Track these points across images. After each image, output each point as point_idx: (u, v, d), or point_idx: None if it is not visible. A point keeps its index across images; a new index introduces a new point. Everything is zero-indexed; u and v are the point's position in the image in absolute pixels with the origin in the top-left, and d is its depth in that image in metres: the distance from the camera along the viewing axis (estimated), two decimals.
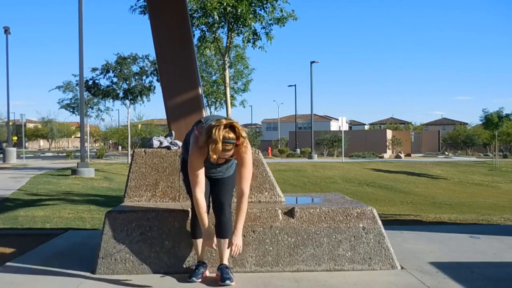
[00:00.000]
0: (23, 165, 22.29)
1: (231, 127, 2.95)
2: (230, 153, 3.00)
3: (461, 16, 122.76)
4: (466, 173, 22.14)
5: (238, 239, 3.21)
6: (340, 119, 30.87)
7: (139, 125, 36.53)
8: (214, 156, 2.93)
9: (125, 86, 21.46)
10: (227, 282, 3.22)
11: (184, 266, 3.59)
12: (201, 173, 3.15)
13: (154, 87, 21.91)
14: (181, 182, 3.86)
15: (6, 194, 10.60)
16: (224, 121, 2.95)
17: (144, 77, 21.73)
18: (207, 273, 3.46)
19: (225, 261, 3.38)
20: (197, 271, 3.38)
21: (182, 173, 3.50)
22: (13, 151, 26.38)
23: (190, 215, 3.49)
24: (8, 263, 3.90)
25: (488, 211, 10.35)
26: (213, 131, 2.90)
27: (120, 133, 36.41)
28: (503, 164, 25.67)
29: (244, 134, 2.98)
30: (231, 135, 2.93)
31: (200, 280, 3.34)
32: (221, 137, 2.89)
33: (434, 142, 44.60)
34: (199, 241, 3.38)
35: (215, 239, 3.25)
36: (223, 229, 3.34)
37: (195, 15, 13.99)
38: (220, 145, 2.89)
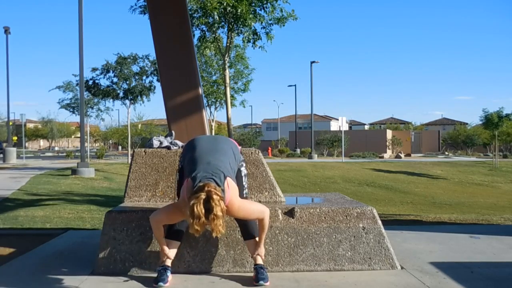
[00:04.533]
0: (23, 165, 22.30)
1: (207, 204, 2.90)
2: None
3: (461, 16, 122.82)
4: (466, 173, 22.14)
5: (261, 250, 3.39)
6: (340, 119, 30.87)
7: (139, 125, 36.53)
8: (198, 229, 2.92)
9: (125, 86, 21.46)
10: (261, 282, 3.26)
11: (184, 266, 3.59)
12: (176, 219, 3.25)
13: (154, 87, 21.93)
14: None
15: (6, 194, 10.60)
16: (203, 196, 2.91)
17: (144, 77, 21.73)
18: (171, 277, 3.36)
19: (259, 261, 3.39)
20: (162, 276, 3.28)
21: (178, 175, 3.50)
22: (13, 151, 26.39)
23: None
24: (8, 263, 3.90)
25: (488, 211, 10.35)
26: (195, 208, 2.88)
27: (120, 133, 36.43)
28: (503, 164, 25.68)
29: (217, 210, 2.89)
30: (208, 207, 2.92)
31: (167, 283, 3.27)
32: (203, 211, 2.88)
33: (434, 142, 44.62)
34: (173, 243, 3.38)
35: (172, 253, 3.38)
36: (248, 231, 3.40)
37: (195, 15, 13.98)
38: (203, 220, 2.88)
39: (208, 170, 3.11)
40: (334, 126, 60.15)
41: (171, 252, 3.38)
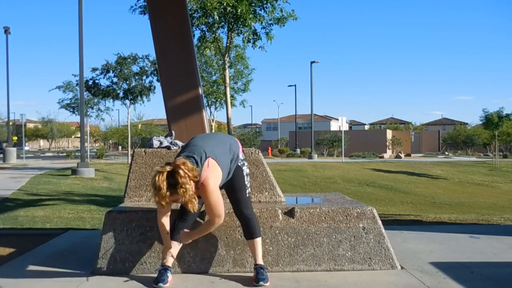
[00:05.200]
0: (23, 165, 22.29)
1: (172, 174, 2.91)
2: (178, 197, 2.96)
3: (461, 16, 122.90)
4: (466, 173, 22.13)
5: (184, 239, 3.33)
6: (340, 119, 30.86)
7: (139, 125, 36.55)
8: (162, 203, 2.94)
9: (125, 86, 21.45)
10: (261, 282, 3.26)
11: (184, 266, 3.59)
12: (168, 206, 3.21)
13: (154, 87, 21.93)
14: None
15: (6, 194, 10.60)
16: (168, 168, 2.94)
17: (144, 77, 21.73)
18: (171, 277, 3.35)
19: (259, 261, 3.38)
20: (162, 276, 3.27)
21: None
22: (13, 151, 26.39)
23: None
24: (8, 263, 3.90)
25: (488, 211, 10.35)
26: (156, 177, 2.92)
27: (120, 133, 36.45)
28: (503, 164, 25.67)
29: (183, 182, 2.89)
30: (172, 181, 2.92)
31: (167, 284, 3.27)
32: (164, 183, 2.90)
33: (434, 142, 44.60)
34: (174, 244, 3.36)
35: (173, 254, 3.36)
36: (250, 230, 3.38)
37: (195, 15, 13.98)
38: (164, 192, 2.91)
39: (191, 150, 3.17)
40: (334, 126, 60.15)
41: (173, 252, 3.37)
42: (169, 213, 3.31)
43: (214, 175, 3.10)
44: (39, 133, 59.12)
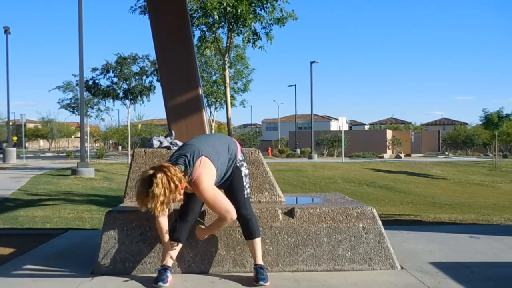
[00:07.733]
0: (23, 165, 22.29)
1: (149, 180, 2.97)
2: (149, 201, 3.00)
3: (461, 16, 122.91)
4: (466, 173, 22.13)
5: (200, 235, 3.42)
6: (340, 119, 30.85)
7: (139, 125, 36.55)
8: (140, 205, 3.04)
9: (125, 86, 21.44)
10: (261, 282, 3.26)
11: (184, 266, 3.59)
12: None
13: (154, 87, 21.91)
14: None
15: (6, 194, 10.60)
16: (149, 172, 3.00)
17: (144, 77, 21.71)
18: (171, 277, 3.34)
19: (259, 261, 3.38)
20: (162, 276, 3.28)
21: None
22: (13, 151, 26.39)
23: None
24: (8, 263, 3.90)
25: (488, 211, 10.35)
26: (138, 183, 3.03)
27: (120, 133, 36.43)
28: (503, 164, 25.67)
29: (154, 189, 2.93)
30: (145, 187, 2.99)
31: (167, 283, 3.27)
32: (142, 188, 3.00)
33: (434, 142, 44.61)
34: (174, 244, 3.36)
35: (173, 254, 3.37)
36: (249, 231, 3.37)
37: (195, 15, 13.99)
38: (143, 197, 3.00)
39: (185, 149, 3.19)
40: (334, 126, 60.15)
41: (173, 253, 3.37)
42: (166, 212, 3.30)
43: (206, 172, 3.10)
44: (39, 133, 59.07)
